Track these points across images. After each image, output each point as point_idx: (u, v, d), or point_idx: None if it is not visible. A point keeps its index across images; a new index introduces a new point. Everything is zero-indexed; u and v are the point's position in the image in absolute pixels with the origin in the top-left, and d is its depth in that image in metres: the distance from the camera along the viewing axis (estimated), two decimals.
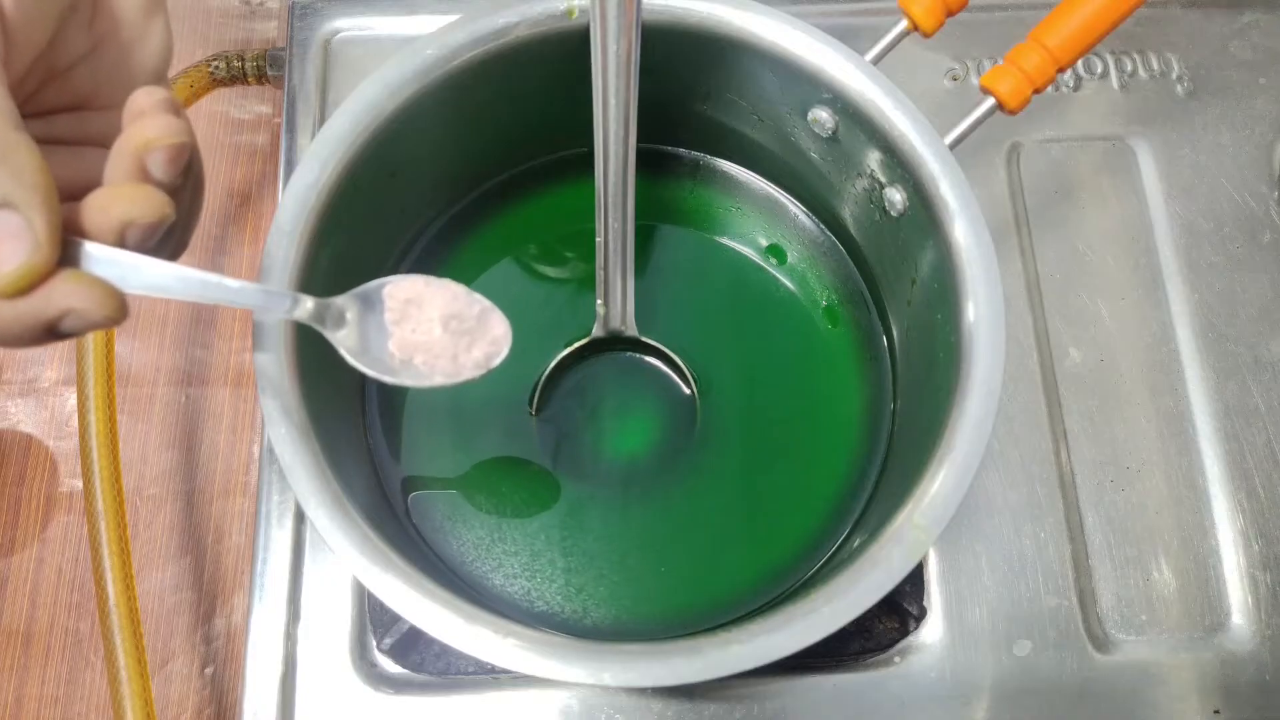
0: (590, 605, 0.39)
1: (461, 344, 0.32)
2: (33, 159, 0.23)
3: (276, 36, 0.57)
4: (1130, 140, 0.50)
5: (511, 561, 0.39)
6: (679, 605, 0.39)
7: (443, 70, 0.36)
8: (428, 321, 0.32)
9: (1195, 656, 0.42)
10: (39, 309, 0.23)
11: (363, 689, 0.40)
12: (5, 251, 0.22)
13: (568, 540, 0.40)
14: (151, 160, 0.25)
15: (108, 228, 0.24)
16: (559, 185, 0.45)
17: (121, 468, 0.42)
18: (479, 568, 0.39)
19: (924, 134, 0.35)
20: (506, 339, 0.33)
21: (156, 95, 0.25)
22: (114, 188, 0.25)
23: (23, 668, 0.46)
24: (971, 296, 0.33)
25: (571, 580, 0.39)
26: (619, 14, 0.31)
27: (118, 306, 0.24)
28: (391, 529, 0.36)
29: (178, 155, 0.25)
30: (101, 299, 0.23)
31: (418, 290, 0.32)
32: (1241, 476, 0.44)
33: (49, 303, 0.23)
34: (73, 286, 0.23)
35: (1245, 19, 0.52)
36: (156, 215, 0.24)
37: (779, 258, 0.44)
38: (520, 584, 0.39)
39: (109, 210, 0.24)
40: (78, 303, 0.23)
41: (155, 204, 0.24)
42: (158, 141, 0.24)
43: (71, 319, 0.23)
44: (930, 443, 0.33)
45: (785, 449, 0.41)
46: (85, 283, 0.23)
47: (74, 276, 0.23)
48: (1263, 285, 0.47)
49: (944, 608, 0.42)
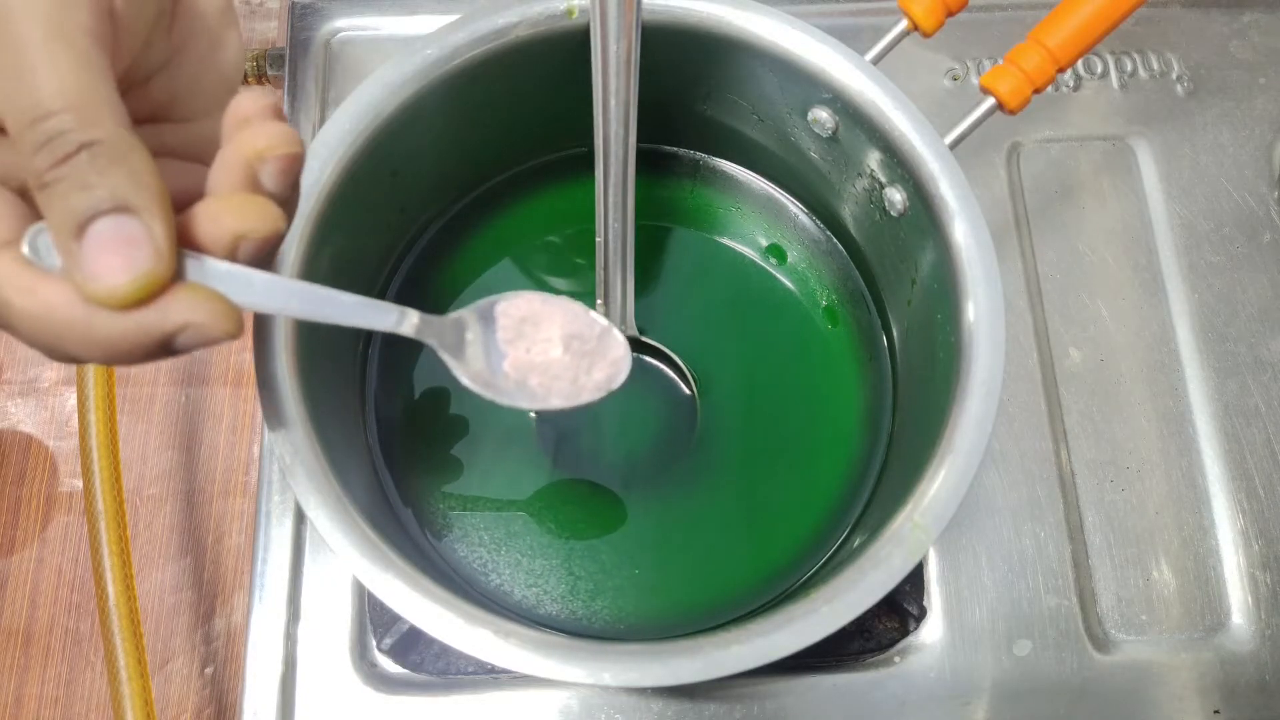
0: (590, 605, 0.39)
1: (582, 365, 0.31)
2: (148, 162, 0.21)
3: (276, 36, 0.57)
4: (1130, 140, 0.50)
5: (511, 561, 0.39)
6: (679, 605, 0.39)
7: (443, 70, 0.36)
8: (545, 341, 0.30)
9: (1195, 656, 0.42)
10: (155, 322, 0.21)
11: (363, 689, 0.40)
12: (123, 260, 0.21)
13: (567, 540, 0.40)
14: (264, 171, 0.23)
15: (220, 240, 0.22)
16: (559, 185, 0.45)
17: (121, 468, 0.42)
18: (479, 567, 0.39)
19: (924, 134, 0.35)
20: (627, 360, 0.32)
21: (263, 101, 0.24)
22: (225, 199, 0.23)
23: (23, 668, 0.46)
24: (971, 296, 0.33)
25: (571, 580, 0.39)
26: (619, 14, 0.31)
27: (237, 321, 0.22)
28: (391, 529, 0.36)
29: (290, 166, 0.24)
30: (222, 314, 0.22)
31: (534, 308, 0.30)
32: (1241, 476, 0.44)
33: (166, 316, 0.21)
34: (192, 299, 0.22)
35: (1245, 19, 0.52)
36: (272, 228, 0.23)
37: (779, 258, 0.44)
38: (520, 584, 0.39)
39: (221, 222, 0.22)
40: (197, 317, 0.22)
41: (271, 217, 0.23)
42: (270, 151, 0.23)
43: (189, 334, 0.22)
44: (930, 442, 0.33)
45: (785, 449, 0.41)
46: (204, 296, 0.22)
47: (192, 289, 0.22)
48: (1263, 285, 0.47)
49: (944, 608, 0.42)
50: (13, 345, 0.52)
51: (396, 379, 0.42)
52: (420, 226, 0.44)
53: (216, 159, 0.24)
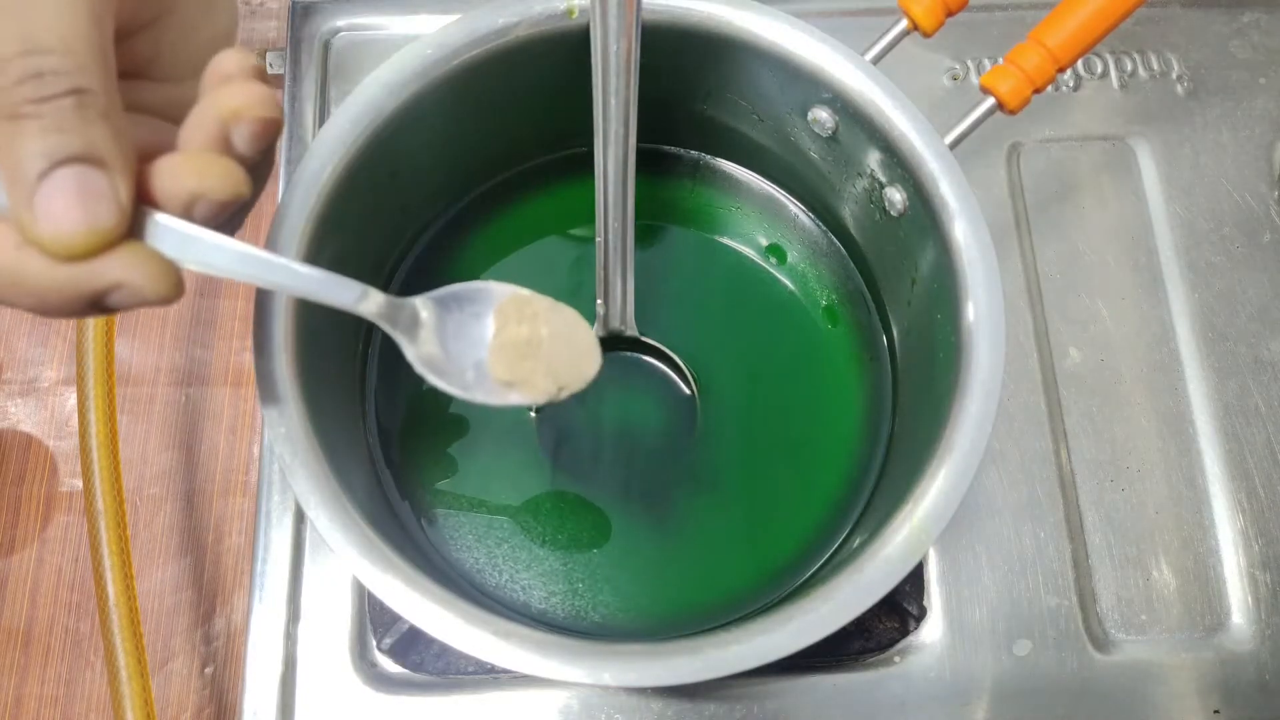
0: (590, 605, 0.39)
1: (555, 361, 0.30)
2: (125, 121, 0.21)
3: (276, 36, 0.57)
4: (1130, 140, 0.50)
5: (511, 561, 0.39)
6: (679, 605, 0.39)
7: (443, 70, 0.36)
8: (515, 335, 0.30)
9: (1195, 656, 0.42)
10: (89, 278, 0.21)
11: (363, 689, 0.40)
12: (82, 211, 0.20)
13: (567, 540, 0.40)
14: (236, 132, 0.22)
15: (176, 197, 0.22)
16: (559, 185, 0.45)
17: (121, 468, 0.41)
18: (479, 567, 0.39)
19: (924, 134, 0.35)
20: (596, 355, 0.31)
21: (246, 61, 0.23)
22: (190, 155, 0.22)
23: (23, 668, 0.46)
24: (971, 296, 0.33)
25: (571, 580, 0.39)
26: (619, 14, 0.31)
27: (174, 285, 0.22)
28: (391, 529, 0.36)
29: (266, 130, 0.23)
30: (158, 275, 0.21)
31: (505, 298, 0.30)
32: (1241, 476, 0.44)
33: (101, 274, 0.21)
34: (130, 259, 0.21)
35: (1245, 19, 0.52)
36: (232, 192, 0.22)
37: (779, 258, 0.44)
38: (520, 583, 0.39)
39: (181, 178, 0.22)
40: (133, 277, 0.21)
41: (234, 179, 0.22)
42: (247, 112, 0.22)
43: (122, 293, 0.21)
44: (930, 442, 0.33)
45: (785, 449, 0.41)
46: (143, 257, 0.21)
47: (134, 249, 0.21)
48: (1263, 285, 0.47)
49: (944, 608, 0.42)
50: (13, 345, 0.52)
51: (396, 379, 0.42)
52: (420, 226, 0.44)
53: (190, 114, 0.23)
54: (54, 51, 0.20)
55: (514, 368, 0.30)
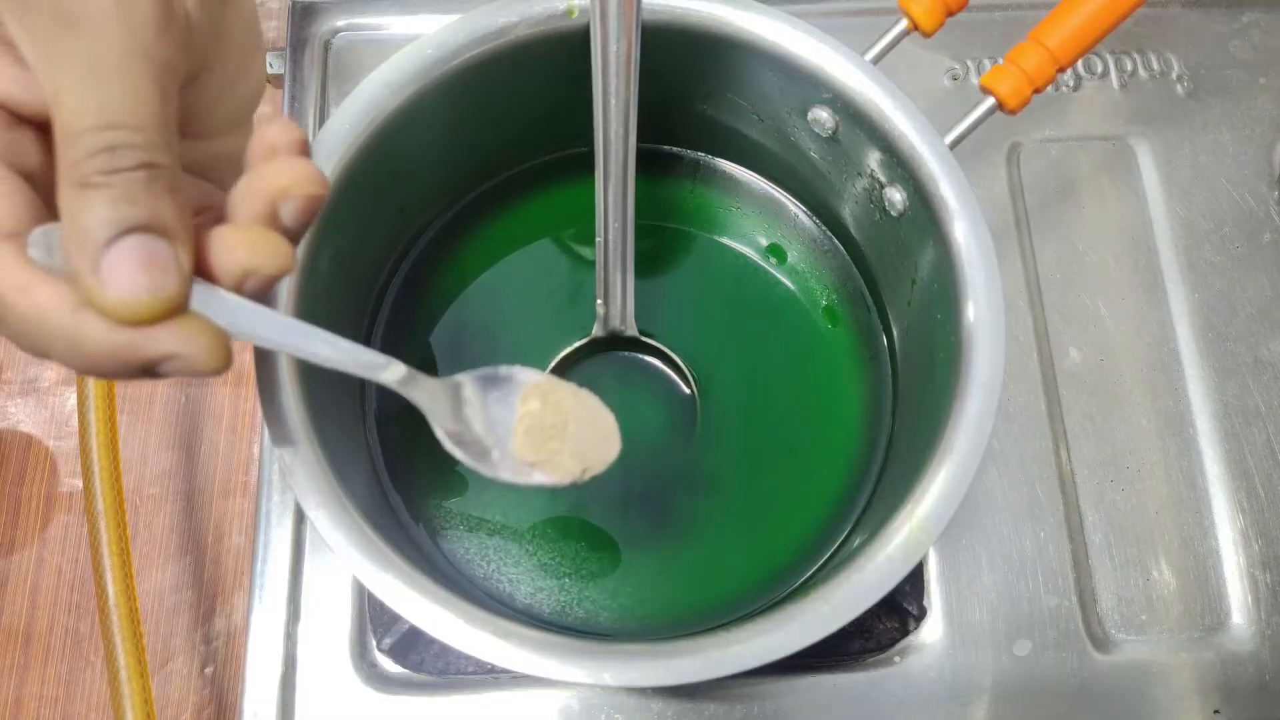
0: (590, 605, 0.39)
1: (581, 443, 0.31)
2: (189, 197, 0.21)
3: (276, 36, 0.57)
4: (1130, 140, 0.50)
5: (511, 561, 0.39)
6: (679, 605, 0.39)
7: (443, 70, 0.36)
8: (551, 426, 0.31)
9: (1195, 656, 0.42)
10: (146, 344, 0.21)
11: (363, 689, 0.40)
12: (148, 278, 0.21)
13: (567, 540, 0.40)
14: (285, 207, 0.23)
15: (229, 272, 0.22)
16: (559, 185, 0.45)
17: (121, 468, 0.41)
18: (479, 568, 0.39)
19: (924, 134, 0.35)
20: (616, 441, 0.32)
21: (293, 134, 0.24)
22: (242, 231, 0.23)
23: (23, 668, 0.46)
24: (971, 296, 0.33)
25: (571, 580, 0.39)
26: (619, 14, 0.31)
27: (225, 356, 0.22)
28: (391, 529, 0.36)
29: (311, 206, 0.23)
30: (212, 349, 0.22)
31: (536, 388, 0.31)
32: (1241, 476, 0.44)
33: (157, 343, 0.21)
34: (187, 330, 0.21)
35: (1245, 19, 0.52)
36: (281, 267, 0.23)
37: (779, 258, 0.44)
38: (520, 584, 0.39)
39: (235, 254, 0.22)
40: (188, 349, 0.21)
41: (283, 255, 0.23)
42: (296, 190, 0.23)
43: (176, 363, 0.22)
44: (930, 442, 0.33)
45: (785, 448, 0.41)
46: (199, 329, 0.22)
47: (189, 319, 0.21)
48: (1263, 285, 0.47)
49: (944, 608, 0.42)
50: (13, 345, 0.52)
51: None
52: (420, 226, 0.44)
53: (239, 184, 0.23)
54: (126, 127, 0.20)
55: (540, 448, 0.31)
